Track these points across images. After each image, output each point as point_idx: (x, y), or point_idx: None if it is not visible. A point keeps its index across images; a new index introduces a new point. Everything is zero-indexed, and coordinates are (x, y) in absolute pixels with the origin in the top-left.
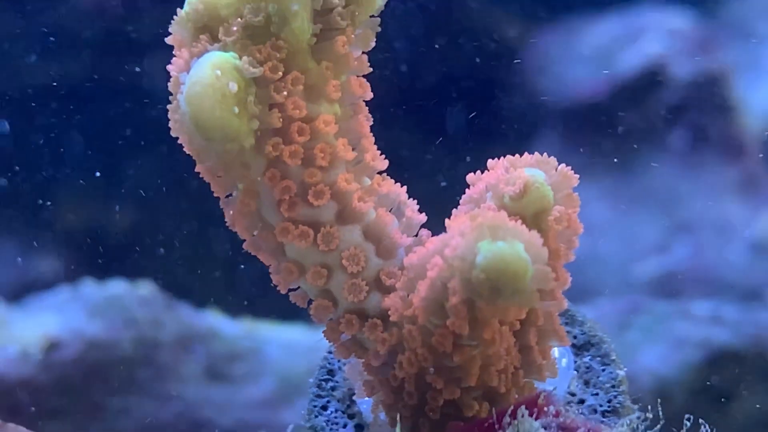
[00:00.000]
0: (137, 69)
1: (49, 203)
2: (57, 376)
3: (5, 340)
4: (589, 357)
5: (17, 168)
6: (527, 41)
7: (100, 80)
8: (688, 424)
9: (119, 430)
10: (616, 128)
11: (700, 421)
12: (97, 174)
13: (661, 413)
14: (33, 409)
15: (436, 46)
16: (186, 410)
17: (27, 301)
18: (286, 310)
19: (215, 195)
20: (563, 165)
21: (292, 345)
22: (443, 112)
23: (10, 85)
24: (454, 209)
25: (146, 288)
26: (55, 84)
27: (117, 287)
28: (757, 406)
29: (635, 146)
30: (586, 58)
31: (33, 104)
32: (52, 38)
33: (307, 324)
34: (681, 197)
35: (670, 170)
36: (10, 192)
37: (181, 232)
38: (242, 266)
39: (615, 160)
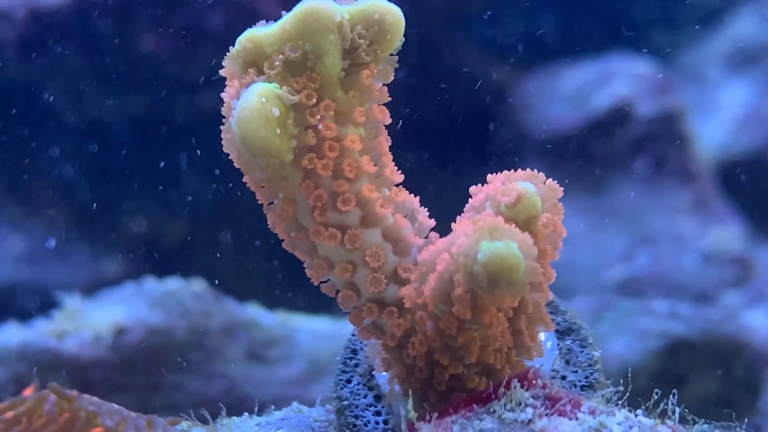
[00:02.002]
0: (190, 101)
1: (118, 215)
2: (123, 357)
3: (81, 327)
4: (570, 341)
5: (92, 187)
6: (516, 83)
7: (159, 110)
8: (656, 396)
9: (175, 403)
10: (590, 156)
11: (674, 392)
12: (158, 190)
13: (626, 387)
14: (103, 384)
15: (442, 87)
16: (230, 386)
17: (99, 294)
18: (314, 305)
19: (259, 202)
20: (550, 179)
21: (318, 333)
22: (449, 140)
23: (81, 117)
24: (459, 216)
25: (198, 285)
26: (118, 116)
27: (174, 284)
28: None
29: (605, 171)
30: (564, 97)
31: (103, 133)
32: (120, 76)
33: (331, 316)
34: (643, 214)
35: (634, 192)
36: (86, 207)
37: (228, 239)
38: (279, 269)
39: (588, 182)
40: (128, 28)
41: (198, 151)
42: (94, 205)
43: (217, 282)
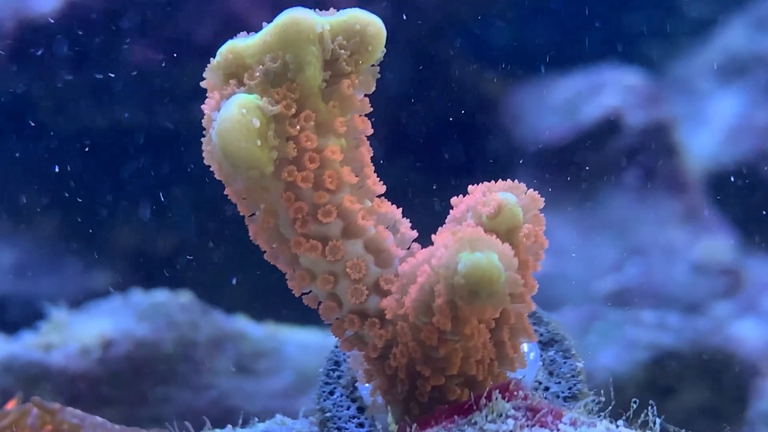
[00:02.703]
0: (181, 112)
1: (106, 228)
2: (110, 369)
3: (68, 340)
4: (553, 351)
5: (79, 199)
6: (506, 94)
7: (148, 121)
8: (635, 406)
9: (162, 415)
10: (580, 167)
11: (651, 402)
12: (146, 203)
13: (612, 399)
14: (90, 396)
15: (431, 97)
16: (218, 399)
17: (86, 307)
18: (303, 316)
19: (241, 214)
20: (531, 190)
21: (307, 345)
22: (438, 151)
23: (69, 129)
24: (440, 227)
25: (185, 296)
26: (108, 127)
27: (161, 296)
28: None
29: (595, 182)
30: (555, 108)
31: (91, 145)
32: (110, 87)
33: (320, 328)
34: (633, 225)
35: (624, 203)
36: (73, 219)
37: (215, 251)
38: (266, 279)
39: (579, 194)
40: (118, 38)
41: (186, 163)
42: (83, 217)
43: (205, 292)
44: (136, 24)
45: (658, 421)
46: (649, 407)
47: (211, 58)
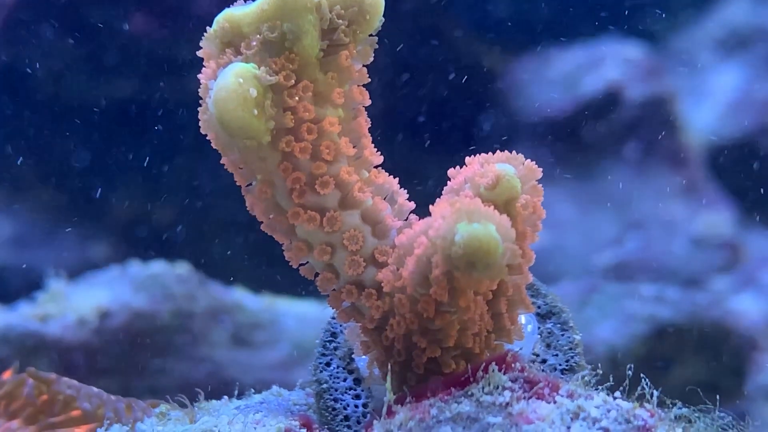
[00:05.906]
0: (179, 84)
1: (103, 199)
2: (107, 340)
3: (65, 310)
4: (550, 324)
5: (78, 171)
6: (506, 67)
7: (146, 93)
8: (630, 374)
9: (159, 387)
10: (580, 141)
11: (645, 379)
12: (143, 174)
13: (607, 372)
14: (86, 367)
15: (431, 70)
16: (215, 370)
17: (84, 278)
18: (300, 288)
19: (238, 184)
20: (529, 160)
21: (304, 317)
22: (438, 124)
23: (67, 99)
24: (438, 198)
25: (183, 268)
26: (106, 98)
27: (158, 267)
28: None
29: (595, 156)
30: (555, 81)
31: (89, 116)
32: (108, 58)
33: (317, 299)
34: (633, 199)
35: (624, 176)
36: (72, 191)
37: (213, 223)
38: (265, 252)
39: (578, 167)
40: (117, 9)
41: (184, 135)
42: (81, 188)
43: (203, 263)
44: None
45: (655, 393)
46: (643, 378)
47: (208, 27)
